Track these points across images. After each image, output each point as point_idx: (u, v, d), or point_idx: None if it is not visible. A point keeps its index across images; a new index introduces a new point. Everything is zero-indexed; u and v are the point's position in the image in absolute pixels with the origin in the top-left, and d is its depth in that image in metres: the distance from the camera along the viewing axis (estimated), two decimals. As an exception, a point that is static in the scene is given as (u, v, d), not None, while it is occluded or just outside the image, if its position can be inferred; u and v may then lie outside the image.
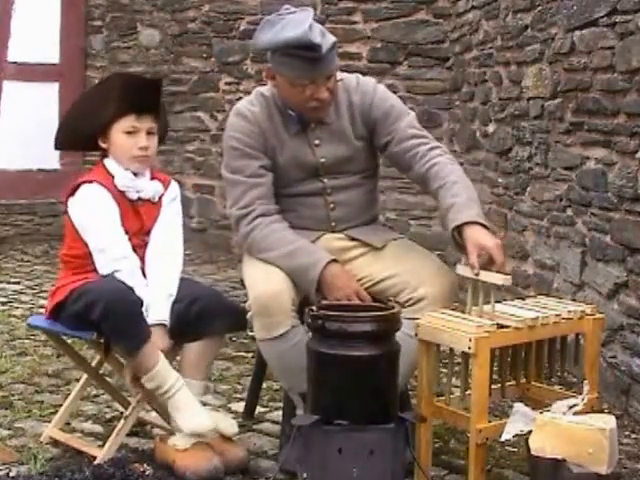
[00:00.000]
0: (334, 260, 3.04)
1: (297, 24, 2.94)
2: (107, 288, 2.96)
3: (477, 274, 2.82)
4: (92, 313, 2.93)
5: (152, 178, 3.22)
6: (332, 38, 3.01)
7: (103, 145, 3.16)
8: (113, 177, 3.14)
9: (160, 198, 3.21)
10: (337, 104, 3.15)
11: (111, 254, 3.06)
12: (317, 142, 3.16)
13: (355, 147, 3.18)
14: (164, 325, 3.04)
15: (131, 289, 2.98)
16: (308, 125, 3.15)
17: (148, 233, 3.17)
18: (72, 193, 3.14)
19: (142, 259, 3.13)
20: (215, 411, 3.26)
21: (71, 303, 3.05)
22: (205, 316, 3.08)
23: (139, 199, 3.16)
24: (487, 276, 2.82)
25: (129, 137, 3.11)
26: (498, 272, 2.82)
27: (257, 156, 3.13)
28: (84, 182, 3.13)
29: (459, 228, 2.90)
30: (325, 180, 3.18)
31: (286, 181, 3.17)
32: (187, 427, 3.01)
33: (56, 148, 3.29)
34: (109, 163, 3.16)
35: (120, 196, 3.13)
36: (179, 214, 3.27)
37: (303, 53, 2.94)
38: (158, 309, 3.03)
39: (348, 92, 3.17)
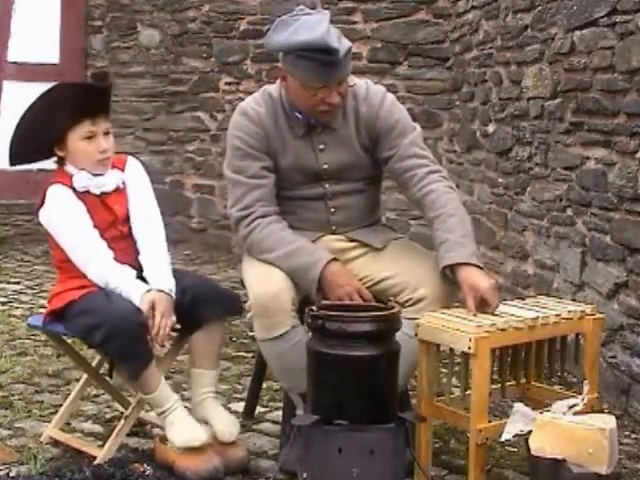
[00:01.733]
0: (334, 259, 3.04)
1: (314, 26, 2.89)
2: (110, 310, 2.95)
3: (474, 317, 2.83)
4: (94, 336, 2.94)
5: (112, 167, 3.21)
6: (348, 43, 2.97)
7: (60, 154, 3.17)
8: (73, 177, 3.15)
9: (124, 182, 3.22)
10: (345, 110, 3.12)
11: (86, 252, 3.06)
12: (322, 147, 3.14)
13: (358, 155, 3.16)
14: (169, 295, 3.02)
15: (137, 309, 2.96)
16: (314, 129, 3.13)
17: (126, 221, 3.18)
18: (42, 203, 3.15)
19: (123, 250, 3.12)
20: (219, 413, 3.23)
21: (72, 317, 3.05)
22: (198, 304, 3.08)
23: (103, 193, 3.17)
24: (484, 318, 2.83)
25: (88, 143, 3.12)
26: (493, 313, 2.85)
27: (260, 157, 3.12)
28: (49, 185, 3.14)
29: (452, 266, 2.91)
30: (327, 185, 3.17)
31: (287, 184, 3.16)
32: (178, 441, 3.01)
33: (12, 164, 3.24)
34: (68, 168, 3.17)
35: (85, 193, 3.14)
36: (145, 185, 3.25)
37: (319, 56, 2.89)
38: (161, 279, 3.03)
39: (357, 100, 3.14)
